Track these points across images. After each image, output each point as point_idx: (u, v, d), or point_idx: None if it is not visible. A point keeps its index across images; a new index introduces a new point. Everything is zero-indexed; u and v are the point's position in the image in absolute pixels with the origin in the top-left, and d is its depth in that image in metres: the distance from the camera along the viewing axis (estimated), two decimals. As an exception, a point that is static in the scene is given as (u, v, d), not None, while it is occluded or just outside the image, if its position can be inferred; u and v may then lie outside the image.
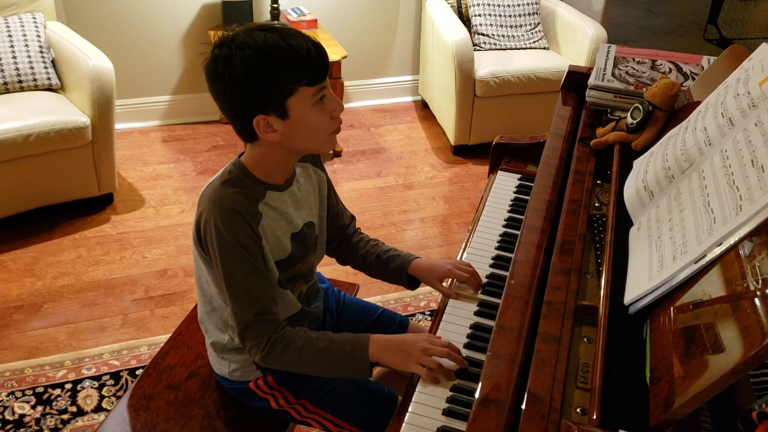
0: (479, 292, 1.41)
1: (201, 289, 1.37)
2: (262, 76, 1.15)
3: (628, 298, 1.12)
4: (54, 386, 2.14)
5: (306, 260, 1.38)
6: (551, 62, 3.58)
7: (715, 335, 0.88)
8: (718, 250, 1.00)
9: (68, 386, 2.14)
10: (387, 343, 1.26)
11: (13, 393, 2.10)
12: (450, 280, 1.44)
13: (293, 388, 1.41)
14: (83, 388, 2.14)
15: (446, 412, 1.14)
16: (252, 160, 1.27)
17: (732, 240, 0.99)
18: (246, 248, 1.22)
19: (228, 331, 1.38)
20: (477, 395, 1.05)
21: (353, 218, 1.55)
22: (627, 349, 1.05)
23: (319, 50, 1.18)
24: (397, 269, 1.48)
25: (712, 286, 0.97)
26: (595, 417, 0.93)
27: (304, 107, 1.19)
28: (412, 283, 1.49)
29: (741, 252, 0.96)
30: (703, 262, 1.01)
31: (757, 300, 0.86)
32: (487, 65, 3.45)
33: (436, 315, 1.37)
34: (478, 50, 3.65)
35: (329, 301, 1.58)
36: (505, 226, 1.61)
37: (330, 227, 1.49)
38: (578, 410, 0.99)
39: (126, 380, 2.17)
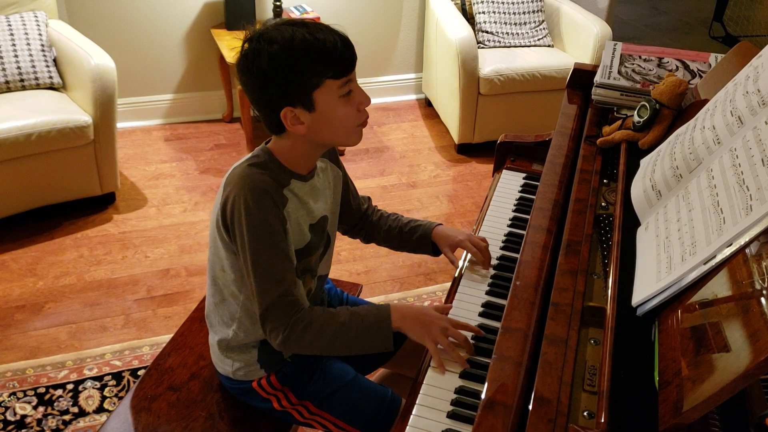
0: (489, 268, 1.45)
1: (213, 279, 1.36)
2: (289, 69, 1.17)
3: (636, 300, 1.11)
4: (55, 387, 2.13)
5: (317, 252, 1.38)
6: (556, 60, 3.56)
7: (724, 338, 0.87)
8: (727, 251, 0.98)
9: (70, 387, 2.13)
10: (407, 311, 1.27)
11: (14, 393, 2.09)
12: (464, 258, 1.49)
13: (296, 388, 1.40)
14: (85, 388, 2.13)
15: (451, 415, 1.12)
16: (278, 148, 1.29)
17: (742, 240, 0.97)
18: (273, 228, 1.23)
19: (233, 326, 1.36)
20: (482, 398, 1.04)
21: (369, 198, 1.60)
22: (635, 352, 1.04)
23: (345, 43, 1.20)
24: (420, 238, 1.54)
25: (722, 288, 0.95)
26: (603, 421, 0.91)
27: (330, 100, 1.21)
28: (435, 251, 1.54)
29: (750, 253, 0.94)
30: (713, 263, 1.00)
31: (766, 303, 0.84)
32: (492, 63, 3.43)
33: (441, 316, 1.36)
34: (482, 48, 3.63)
35: (332, 302, 1.57)
36: (510, 226, 1.60)
37: (353, 214, 1.54)
38: (585, 414, 0.97)
39: (128, 381, 2.16)
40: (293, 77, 1.17)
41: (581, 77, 1.87)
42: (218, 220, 1.27)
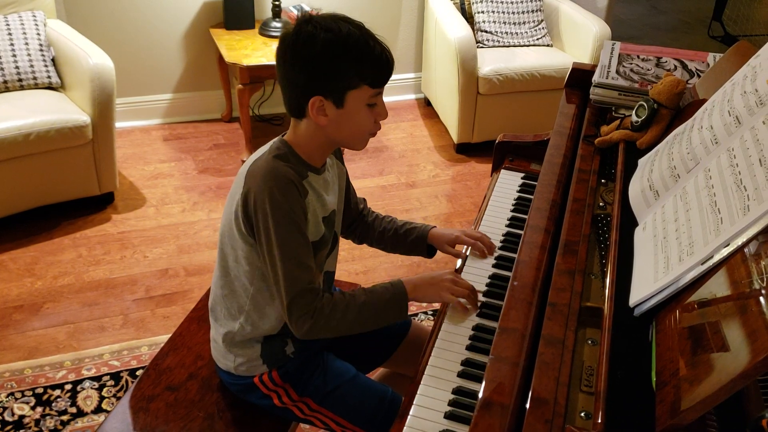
0: (490, 255, 1.50)
1: (223, 270, 1.37)
2: (337, 62, 1.21)
3: (633, 300, 1.11)
4: (54, 387, 2.13)
5: (327, 246, 1.39)
6: (555, 60, 3.56)
7: (722, 338, 0.87)
8: (725, 251, 0.98)
9: (68, 387, 2.13)
10: (418, 282, 1.36)
11: (12, 394, 2.09)
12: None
13: (297, 385, 1.40)
14: (83, 388, 2.13)
15: (448, 416, 1.12)
16: (296, 140, 1.32)
17: (739, 241, 0.97)
18: (298, 218, 1.26)
19: (240, 318, 1.37)
20: (479, 398, 1.03)
21: (364, 200, 1.64)
22: (632, 352, 1.04)
23: (390, 59, 1.26)
24: (415, 240, 1.57)
25: (720, 288, 0.95)
26: (600, 422, 0.91)
27: (359, 103, 1.26)
28: (430, 252, 1.58)
29: (748, 253, 0.94)
30: (710, 263, 1.00)
31: (765, 302, 0.84)
32: (491, 62, 3.43)
33: (438, 315, 1.36)
34: (482, 47, 3.62)
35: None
36: (508, 226, 1.60)
37: (351, 213, 1.57)
38: (582, 415, 0.97)
39: (126, 381, 2.16)
40: (338, 70, 1.22)
41: (580, 77, 1.87)
42: (237, 211, 1.28)
